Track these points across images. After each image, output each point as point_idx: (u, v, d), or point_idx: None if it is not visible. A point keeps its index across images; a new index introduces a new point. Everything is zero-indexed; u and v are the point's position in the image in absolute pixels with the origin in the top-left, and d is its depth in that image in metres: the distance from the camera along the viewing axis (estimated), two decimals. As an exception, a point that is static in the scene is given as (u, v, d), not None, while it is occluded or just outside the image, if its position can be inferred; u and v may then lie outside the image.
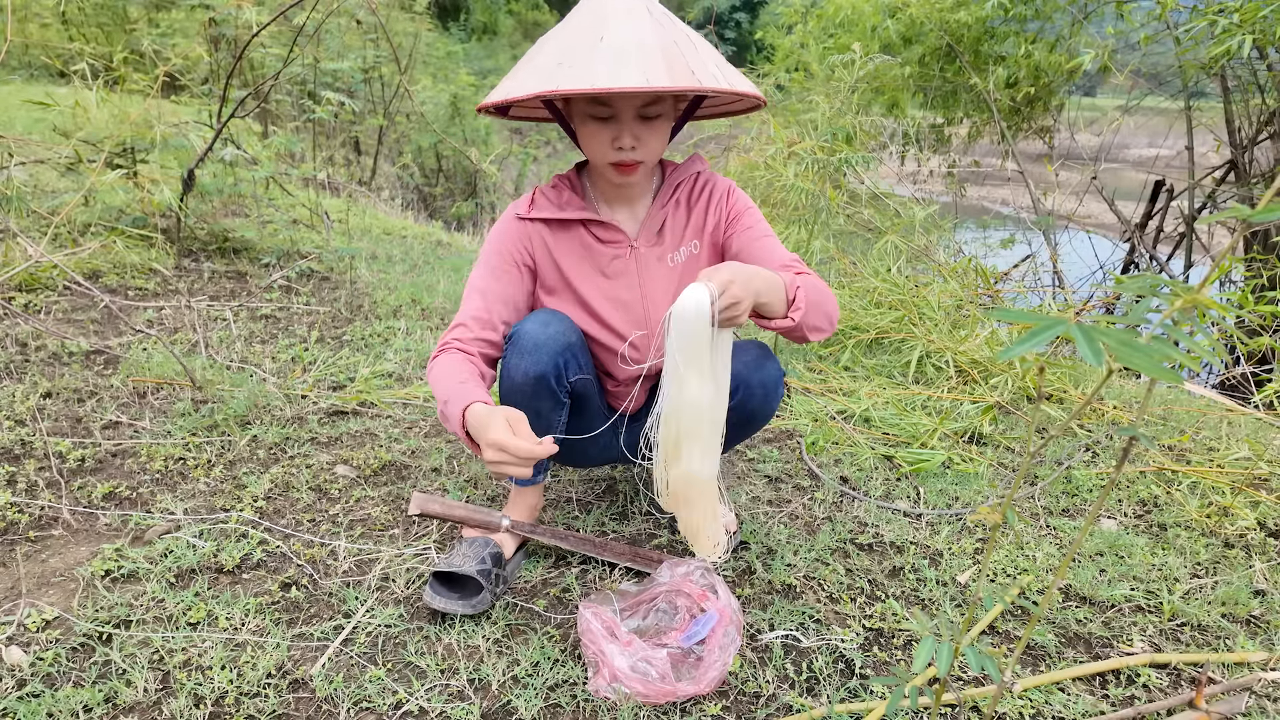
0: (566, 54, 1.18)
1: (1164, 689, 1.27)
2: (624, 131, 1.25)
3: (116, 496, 1.67)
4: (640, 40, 1.17)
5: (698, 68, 1.18)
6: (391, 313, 2.97)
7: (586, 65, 1.14)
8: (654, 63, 1.14)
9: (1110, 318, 0.58)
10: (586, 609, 1.25)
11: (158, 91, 3.01)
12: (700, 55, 1.22)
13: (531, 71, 1.20)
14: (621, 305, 1.40)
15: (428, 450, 1.96)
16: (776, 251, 1.37)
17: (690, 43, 1.24)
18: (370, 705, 1.16)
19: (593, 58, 1.15)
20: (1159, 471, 2.04)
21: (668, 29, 1.22)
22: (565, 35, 1.23)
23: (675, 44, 1.20)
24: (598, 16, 1.21)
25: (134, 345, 2.41)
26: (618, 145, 1.27)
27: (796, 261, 1.34)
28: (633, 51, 1.15)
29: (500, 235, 1.40)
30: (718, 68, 1.24)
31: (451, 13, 19.78)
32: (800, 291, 1.22)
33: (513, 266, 1.39)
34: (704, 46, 1.27)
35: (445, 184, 7.91)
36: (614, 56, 1.15)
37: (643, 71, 1.13)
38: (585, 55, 1.16)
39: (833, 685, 1.24)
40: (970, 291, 3.27)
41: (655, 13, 1.24)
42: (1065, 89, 5.13)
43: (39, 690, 1.14)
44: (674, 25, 1.25)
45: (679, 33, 1.24)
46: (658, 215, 1.41)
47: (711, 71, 1.21)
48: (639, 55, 1.15)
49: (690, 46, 1.22)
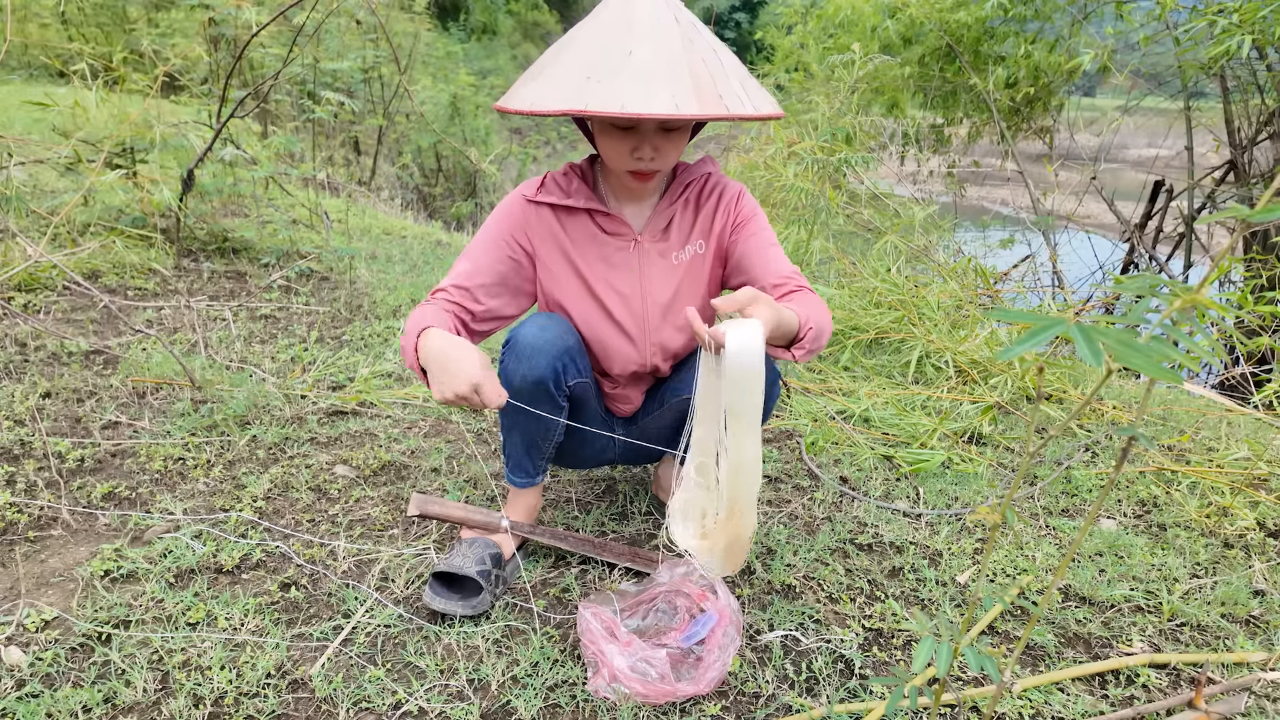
0: (594, 68, 1.15)
1: (1163, 689, 1.27)
2: (644, 143, 1.24)
3: (116, 497, 1.67)
4: (670, 58, 1.14)
5: (726, 91, 1.16)
6: (391, 313, 2.97)
7: (615, 84, 1.12)
8: (683, 87, 1.12)
9: (1109, 318, 0.58)
10: (586, 609, 1.25)
11: (157, 91, 3.01)
12: (726, 72, 1.19)
13: (558, 82, 1.17)
14: (621, 297, 1.40)
15: (427, 450, 1.96)
16: (778, 263, 1.36)
17: (717, 58, 1.21)
18: (370, 705, 1.16)
19: (621, 76, 1.12)
20: (1158, 471, 2.04)
21: (695, 42, 1.19)
22: (591, 43, 1.19)
23: (704, 62, 1.17)
24: (625, 24, 1.17)
25: (133, 345, 2.41)
26: (637, 156, 1.26)
27: (795, 274, 1.33)
28: (662, 72, 1.13)
29: (503, 214, 1.39)
30: (742, 86, 1.21)
31: (451, 13, 19.77)
32: (810, 332, 1.19)
33: (506, 246, 1.37)
34: (728, 59, 1.24)
35: (445, 184, 7.91)
36: (644, 77, 1.12)
37: (672, 97, 1.11)
38: (613, 72, 1.13)
39: (832, 685, 1.24)
40: (970, 292, 3.27)
41: (683, 21, 1.21)
42: (1065, 89, 5.13)
43: (38, 690, 1.14)
44: (700, 36, 1.22)
45: (705, 47, 1.21)
46: (665, 212, 1.41)
47: (736, 92, 1.18)
48: (669, 77, 1.13)
49: (717, 63, 1.19)
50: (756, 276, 1.35)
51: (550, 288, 1.40)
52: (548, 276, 1.40)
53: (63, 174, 3.32)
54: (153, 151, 3.23)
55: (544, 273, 1.40)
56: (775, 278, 1.33)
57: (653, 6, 1.19)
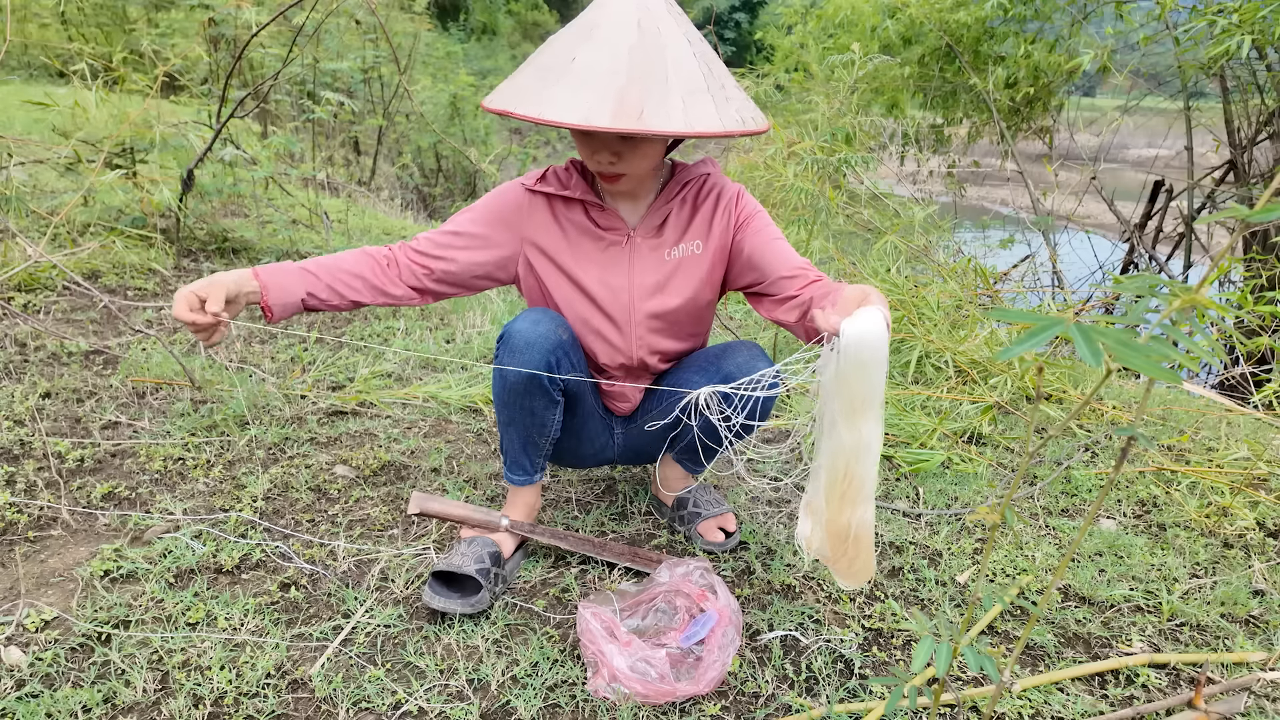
0: (546, 70, 1.17)
1: (1163, 689, 1.27)
2: (602, 149, 1.26)
3: (115, 497, 1.67)
4: (611, 67, 1.13)
5: (651, 107, 1.12)
6: (391, 313, 2.97)
7: (547, 89, 1.15)
8: (604, 98, 1.11)
9: (1109, 318, 0.58)
10: (586, 609, 1.25)
11: (157, 91, 3.00)
12: (671, 85, 1.14)
13: (515, 82, 1.20)
14: (610, 290, 1.41)
15: (427, 450, 1.96)
16: (789, 255, 1.37)
17: (666, 70, 1.15)
18: (369, 705, 1.16)
19: (560, 81, 1.14)
20: (1158, 471, 2.04)
21: (650, 51, 1.15)
22: (554, 45, 1.21)
23: (648, 73, 1.13)
24: (587, 28, 1.18)
25: (133, 345, 2.41)
26: (596, 159, 1.28)
27: (809, 266, 1.35)
28: (593, 80, 1.12)
29: (499, 197, 1.41)
30: (684, 100, 1.15)
31: (451, 13, 19.77)
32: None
33: (491, 229, 1.39)
34: (686, 68, 1.17)
35: (445, 184, 7.90)
36: (575, 84, 1.13)
37: (586, 108, 1.11)
38: (556, 76, 1.15)
39: (832, 685, 1.24)
40: (969, 292, 3.26)
41: (646, 26, 1.17)
42: (1065, 89, 5.13)
43: (38, 690, 1.14)
44: (661, 43, 1.17)
45: (661, 55, 1.16)
46: (661, 210, 1.41)
47: (667, 107, 1.13)
48: (596, 86, 1.12)
49: (663, 74, 1.14)
50: (771, 270, 1.36)
51: (542, 275, 1.41)
52: (540, 263, 1.41)
53: (63, 174, 3.32)
54: (153, 151, 3.23)
55: (536, 260, 1.41)
56: (789, 269, 1.34)
57: (623, 9, 1.18)
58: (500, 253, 1.41)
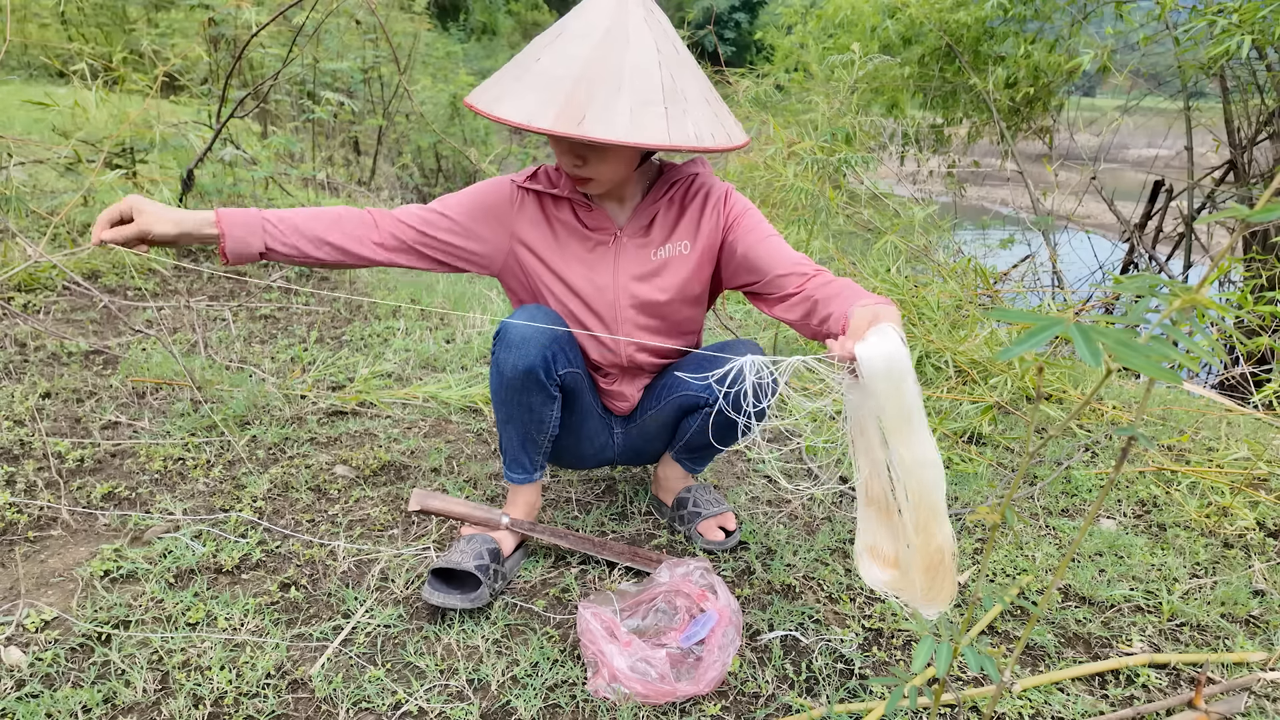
0: (515, 68, 1.21)
1: (1163, 689, 1.27)
2: (567, 152, 1.28)
3: (115, 497, 1.67)
4: (567, 72, 1.15)
5: (594, 114, 1.12)
6: (391, 313, 2.97)
7: (506, 87, 1.19)
8: (551, 101, 1.14)
9: (1109, 318, 0.58)
10: (586, 609, 1.25)
11: (157, 91, 3.00)
12: (620, 95, 1.13)
13: (496, 79, 1.24)
14: (596, 288, 1.41)
15: (427, 450, 1.96)
16: (784, 251, 1.37)
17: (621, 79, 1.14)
18: (369, 705, 1.16)
19: (521, 81, 1.17)
20: (1158, 471, 2.04)
21: (610, 59, 1.15)
22: (530, 46, 1.24)
23: (598, 81, 1.14)
24: (559, 30, 1.22)
25: (133, 345, 2.41)
26: (562, 160, 1.30)
27: (806, 260, 1.34)
28: (546, 83, 1.16)
29: (489, 191, 1.42)
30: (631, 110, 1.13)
31: (451, 13, 19.76)
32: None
33: (477, 222, 1.40)
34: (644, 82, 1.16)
35: (445, 184, 7.90)
36: (530, 85, 1.17)
37: (528, 110, 1.15)
38: (515, 75, 1.19)
39: (832, 685, 1.24)
40: (969, 292, 3.26)
41: (614, 33, 1.17)
42: (1065, 89, 5.13)
43: (38, 691, 1.14)
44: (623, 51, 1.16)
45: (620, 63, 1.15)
46: (648, 210, 1.41)
47: (612, 115, 1.12)
48: (548, 89, 1.15)
49: (614, 86, 1.14)
50: (767, 269, 1.36)
51: (531, 273, 1.42)
52: (528, 261, 1.42)
53: (63, 174, 3.32)
54: (152, 151, 3.23)
55: (524, 258, 1.42)
56: (785, 267, 1.34)
57: (596, 16, 1.20)
58: (484, 247, 1.41)
